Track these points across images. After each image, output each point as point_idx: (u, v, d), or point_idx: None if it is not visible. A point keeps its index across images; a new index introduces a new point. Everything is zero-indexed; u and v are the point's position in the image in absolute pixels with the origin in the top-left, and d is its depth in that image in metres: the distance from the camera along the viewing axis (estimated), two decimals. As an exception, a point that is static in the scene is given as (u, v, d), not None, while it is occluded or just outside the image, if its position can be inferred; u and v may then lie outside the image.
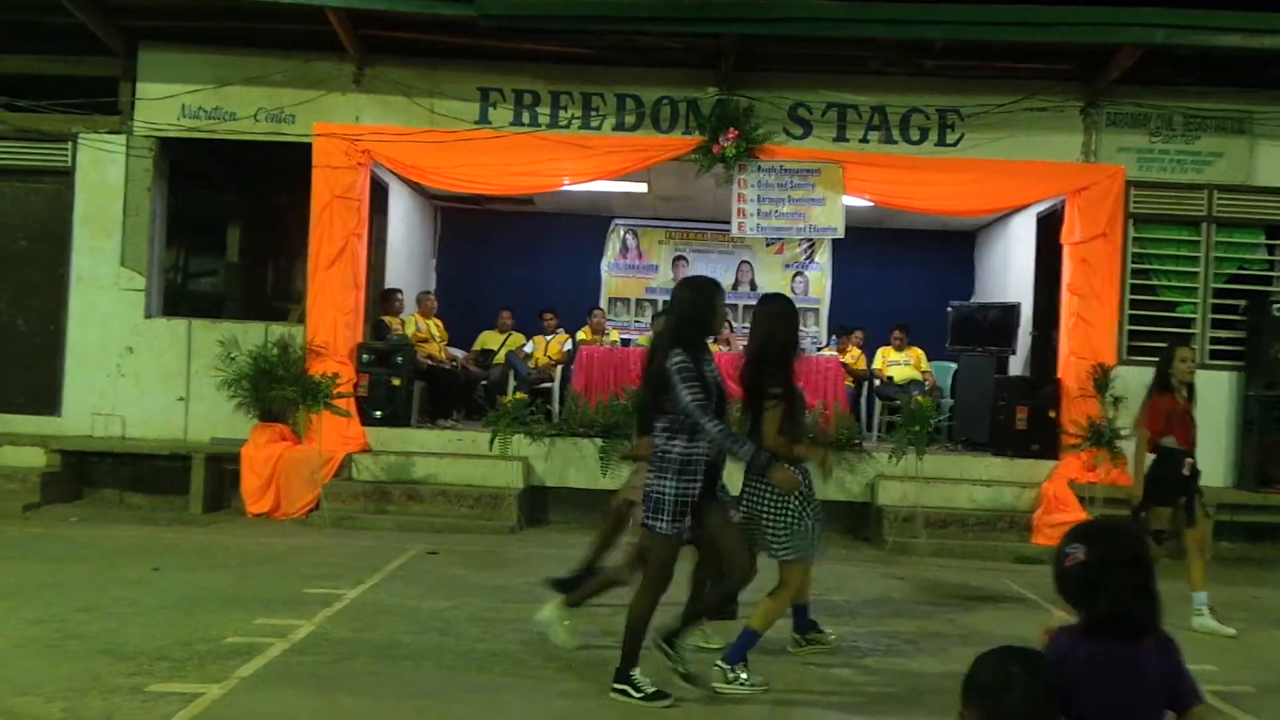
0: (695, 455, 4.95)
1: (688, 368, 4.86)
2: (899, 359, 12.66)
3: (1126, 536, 2.78)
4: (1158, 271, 10.63)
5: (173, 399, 10.56)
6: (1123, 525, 2.87)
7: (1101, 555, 2.64)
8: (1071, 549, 2.66)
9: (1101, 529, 2.82)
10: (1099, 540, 2.69)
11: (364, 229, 10.70)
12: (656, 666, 5.10)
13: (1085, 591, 2.65)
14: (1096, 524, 2.83)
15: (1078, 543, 2.67)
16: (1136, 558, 2.69)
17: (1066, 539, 2.72)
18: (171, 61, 10.63)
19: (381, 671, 5.26)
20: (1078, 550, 2.65)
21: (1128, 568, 2.65)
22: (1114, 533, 2.78)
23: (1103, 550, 2.65)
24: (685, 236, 15.28)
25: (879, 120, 10.55)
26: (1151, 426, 6.90)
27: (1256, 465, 10.02)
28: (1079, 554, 2.65)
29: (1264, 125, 10.35)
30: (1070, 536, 2.72)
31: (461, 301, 13.77)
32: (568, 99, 10.62)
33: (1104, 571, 2.63)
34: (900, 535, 9.40)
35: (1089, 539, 2.69)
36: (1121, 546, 2.70)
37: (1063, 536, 2.78)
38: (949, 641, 6.34)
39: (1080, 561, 2.64)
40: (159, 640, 5.58)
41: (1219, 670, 5.91)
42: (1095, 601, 2.63)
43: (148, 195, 10.68)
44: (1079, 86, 10.40)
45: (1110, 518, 5.17)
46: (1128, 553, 2.69)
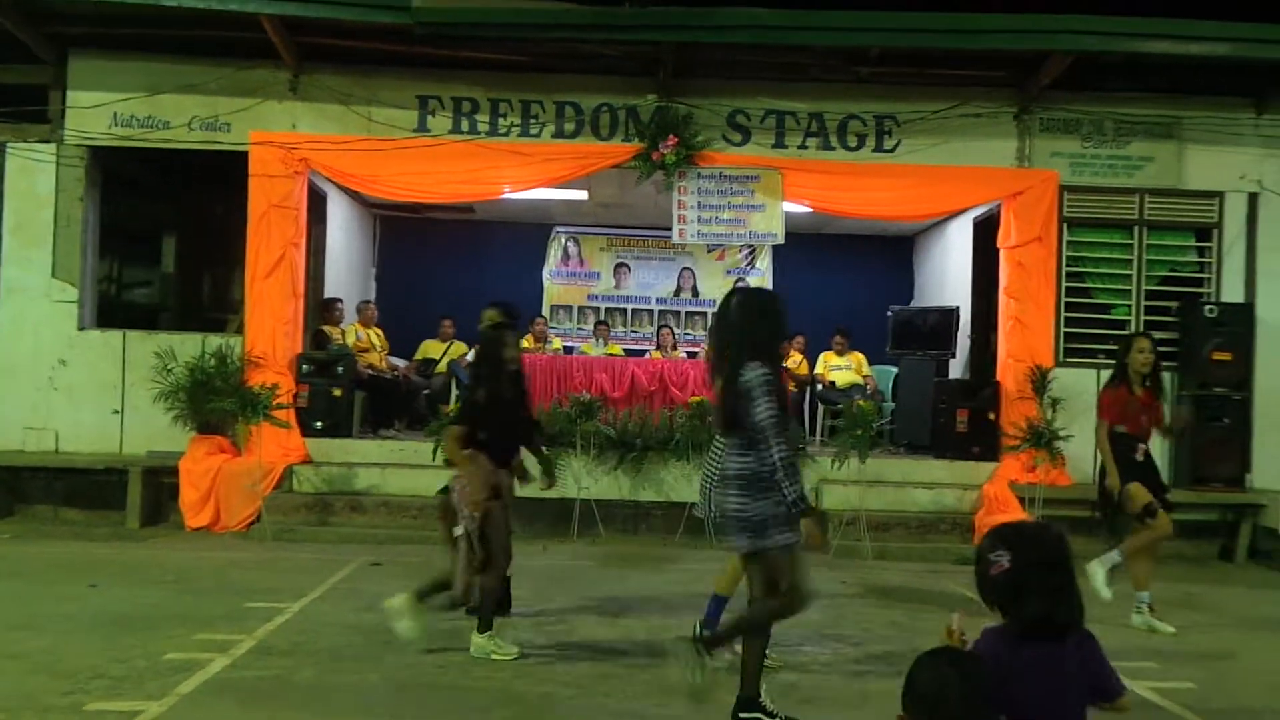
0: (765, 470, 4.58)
1: (770, 382, 4.56)
2: (840, 364, 12.76)
3: (1048, 539, 2.81)
4: (1092, 274, 10.81)
5: (107, 412, 10.36)
6: (1043, 527, 2.89)
7: (1025, 560, 2.69)
8: (996, 556, 2.70)
9: (1023, 534, 2.83)
10: (1022, 546, 2.73)
11: (302, 238, 10.59)
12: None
13: (1011, 596, 2.69)
14: (1018, 528, 2.85)
15: (1001, 549, 2.71)
16: (1058, 560, 2.74)
17: (989, 544, 2.76)
18: (102, 69, 10.45)
19: (326, 685, 5.19)
20: (1002, 558, 2.69)
21: (1050, 571, 2.70)
22: (1036, 537, 2.81)
23: (1026, 555, 2.70)
24: (626, 243, 15.30)
25: (817, 127, 10.64)
26: (1105, 416, 7.03)
27: (1191, 464, 10.20)
28: (1003, 561, 2.69)
29: (1192, 130, 10.57)
30: (992, 542, 2.75)
31: (402, 310, 13.66)
32: (507, 106, 10.60)
33: (1027, 576, 2.67)
34: (844, 539, 9.46)
35: (1011, 545, 2.72)
36: (1043, 550, 2.74)
37: (983, 540, 2.82)
38: (893, 644, 6.39)
39: (1005, 569, 2.68)
40: (96, 658, 5.47)
41: (1159, 667, 6.01)
42: (1021, 605, 2.68)
43: (79, 205, 10.49)
44: (1013, 93, 10.56)
45: (1032, 519, 5.22)
46: (1050, 556, 2.74)
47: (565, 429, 10.06)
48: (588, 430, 9.99)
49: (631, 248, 15.31)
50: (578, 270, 15.28)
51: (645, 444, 10.10)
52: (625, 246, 15.32)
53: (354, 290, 13.31)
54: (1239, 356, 10.21)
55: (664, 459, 9.99)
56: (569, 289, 15.27)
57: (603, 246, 15.31)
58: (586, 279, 15.28)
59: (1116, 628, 6.63)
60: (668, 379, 10.98)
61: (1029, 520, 5.29)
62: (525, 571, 8.16)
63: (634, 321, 15.21)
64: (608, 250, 15.32)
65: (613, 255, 15.31)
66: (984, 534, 2.87)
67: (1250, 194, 10.62)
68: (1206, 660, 6.31)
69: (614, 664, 5.73)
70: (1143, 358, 7.03)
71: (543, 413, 10.38)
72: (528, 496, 9.89)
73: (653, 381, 10.98)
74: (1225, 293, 10.59)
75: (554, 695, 5.17)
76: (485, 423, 5.90)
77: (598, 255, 15.30)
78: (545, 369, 11.07)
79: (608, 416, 10.36)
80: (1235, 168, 10.60)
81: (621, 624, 6.66)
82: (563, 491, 9.95)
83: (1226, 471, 10.19)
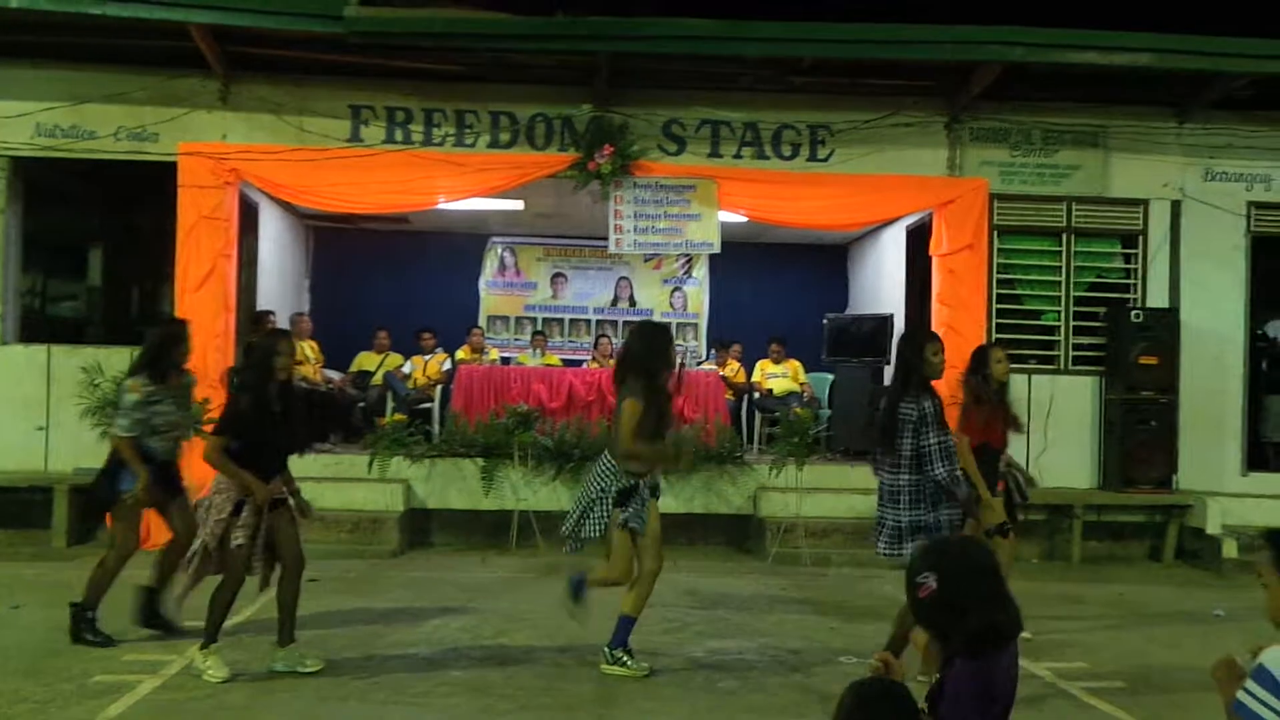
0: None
1: (936, 415, 5.64)
2: (777, 371, 12.83)
3: (972, 550, 2.80)
4: (1022, 281, 10.99)
5: (32, 428, 10.11)
6: (965, 540, 2.89)
7: (952, 577, 2.64)
8: (922, 579, 2.65)
9: (945, 551, 2.82)
10: (945, 562, 2.68)
11: (233, 249, 10.42)
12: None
13: (946, 615, 2.67)
14: (939, 547, 2.84)
15: (927, 571, 2.65)
16: (985, 568, 2.71)
17: (914, 567, 2.71)
18: (24, 78, 10.21)
19: (258, 705, 5.11)
20: (928, 579, 2.64)
21: (980, 579, 2.67)
22: (959, 551, 2.80)
23: (952, 572, 2.65)
24: (563, 253, 15.28)
25: (752, 136, 10.70)
26: (967, 432, 6.63)
27: (1119, 466, 10.38)
28: (930, 582, 2.64)
29: (1118, 139, 10.78)
30: (918, 565, 2.71)
31: (337, 322, 13.49)
32: (441, 116, 10.53)
33: (960, 592, 2.63)
34: (783, 546, 9.51)
35: (935, 564, 2.67)
36: (969, 561, 2.72)
37: (910, 562, 2.78)
38: (833, 651, 6.43)
39: (933, 590, 2.64)
40: (20, 681, 5.34)
41: (1089, 667, 6.11)
42: (962, 622, 2.64)
43: (1, 217, 10.24)
44: (943, 103, 10.70)
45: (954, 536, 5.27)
46: (976, 565, 2.70)
47: (503, 440, 10.02)
48: (525, 441, 9.95)
49: (568, 257, 15.29)
50: (514, 280, 15.23)
51: (583, 454, 10.06)
52: (562, 256, 15.29)
53: (287, 303, 13.13)
54: (1165, 360, 10.40)
55: (602, 469, 9.95)
56: (506, 299, 15.21)
57: (539, 256, 15.27)
58: (523, 289, 15.23)
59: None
60: (605, 388, 10.93)
61: (949, 537, 5.31)
62: (455, 584, 8.13)
63: (571, 331, 15.18)
64: (544, 260, 15.28)
65: (549, 265, 15.27)
66: (909, 567, 2.84)
67: (1174, 201, 10.84)
68: (1136, 658, 6.43)
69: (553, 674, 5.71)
70: (1001, 368, 6.82)
71: (481, 424, 10.35)
72: (464, 509, 10.01)
73: (590, 391, 10.95)
74: (1151, 298, 10.79)
75: (493, 708, 5.13)
76: (244, 433, 5.63)
77: (534, 265, 15.25)
78: (482, 380, 11.00)
79: (545, 427, 10.32)
80: (1159, 176, 10.83)
81: (562, 635, 6.63)
82: (501, 503, 9.95)
83: (1154, 473, 10.37)
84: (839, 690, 2.66)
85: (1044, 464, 10.19)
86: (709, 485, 10.18)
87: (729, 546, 10.15)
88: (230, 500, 5.54)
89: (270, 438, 5.69)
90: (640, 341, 6.09)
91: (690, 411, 10.67)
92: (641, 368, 5.89)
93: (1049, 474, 10.28)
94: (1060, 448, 10.48)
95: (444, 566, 8.98)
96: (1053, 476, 10.32)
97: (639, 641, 5.93)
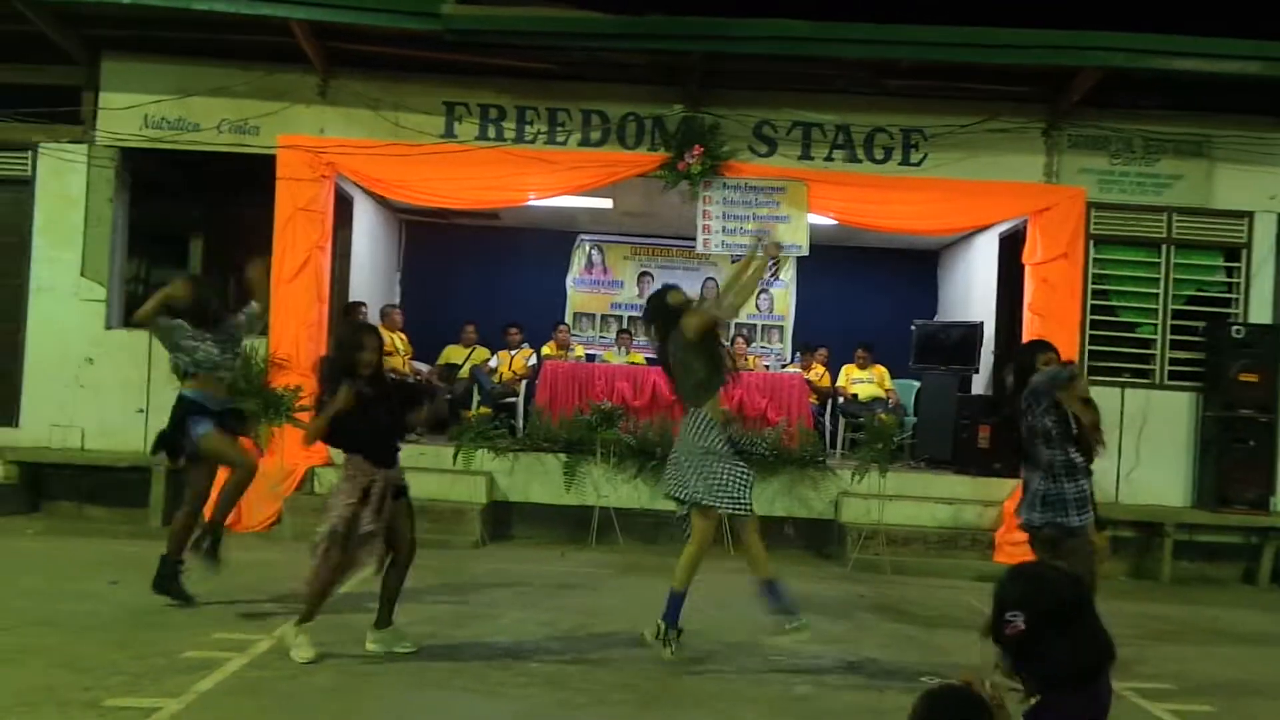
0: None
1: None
2: (863, 377, 12.72)
3: (1063, 591, 2.72)
4: (1117, 292, 10.75)
5: (132, 410, 10.43)
6: (1057, 574, 2.81)
7: (1040, 624, 2.59)
8: (1011, 617, 2.61)
9: (1038, 589, 2.72)
10: (1036, 604, 2.63)
11: (328, 241, 10.64)
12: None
13: (1030, 659, 2.60)
14: (1033, 581, 2.74)
15: (1016, 610, 2.61)
16: (1077, 608, 2.65)
17: (1003, 599, 2.66)
18: (134, 71, 10.55)
19: (343, 686, 5.21)
20: (1017, 619, 2.60)
21: (1069, 625, 2.61)
22: (1051, 592, 2.71)
23: (1041, 618, 2.60)
24: (650, 252, 15.32)
25: (844, 139, 10.62)
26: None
27: (1214, 486, 10.11)
28: (1018, 623, 2.60)
29: (1221, 149, 10.50)
30: (1007, 599, 2.65)
31: (426, 315, 13.69)
32: (533, 114, 10.63)
33: (1045, 639, 2.58)
34: (863, 552, 9.43)
35: (1024, 604, 2.62)
36: (1059, 607, 2.65)
37: (995, 594, 2.72)
38: (910, 660, 6.36)
39: (1020, 631, 2.59)
40: (115, 654, 5.50)
41: (1175, 688, 5.97)
42: (1043, 666, 2.59)
43: (109, 206, 10.59)
44: (1041, 108, 10.52)
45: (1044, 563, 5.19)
46: (1067, 609, 2.64)
47: (585, 436, 10.09)
48: (608, 438, 10.01)
49: (655, 257, 15.32)
50: (601, 278, 15.30)
51: (665, 453, 10.07)
52: (649, 255, 15.33)
53: (378, 294, 13.35)
54: (1265, 378, 10.11)
55: (684, 469, 9.96)
56: (592, 297, 15.30)
57: (626, 255, 15.33)
58: (610, 287, 15.30)
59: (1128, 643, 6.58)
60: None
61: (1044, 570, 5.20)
62: (535, 577, 8.20)
63: (657, 331, 15.18)
64: (631, 259, 15.33)
65: (636, 264, 15.32)
66: (999, 583, 2.78)
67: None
68: (1226, 684, 6.25)
69: (629, 670, 5.73)
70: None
71: (564, 420, 10.43)
72: (546, 503, 10.09)
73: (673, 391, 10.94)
74: (1253, 313, 10.49)
75: (569, 701, 5.17)
76: (339, 424, 5.73)
77: (621, 264, 15.31)
78: (566, 376, 11.07)
79: (628, 425, 10.37)
80: (1265, 188, 10.53)
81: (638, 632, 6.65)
82: (582, 499, 10.01)
83: (1251, 494, 10.08)
84: (910, 702, 2.63)
85: (1135, 480, 10.02)
86: (790, 489, 10.15)
87: (809, 551, 10.10)
88: (359, 487, 5.67)
89: (372, 427, 5.78)
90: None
91: (773, 414, 10.62)
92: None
93: (1140, 491, 10.10)
94: (1152, 464, 10.26)
95: (524, 559, 9.06)
96: (1144, 493, 10.11)
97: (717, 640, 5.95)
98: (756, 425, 10.47)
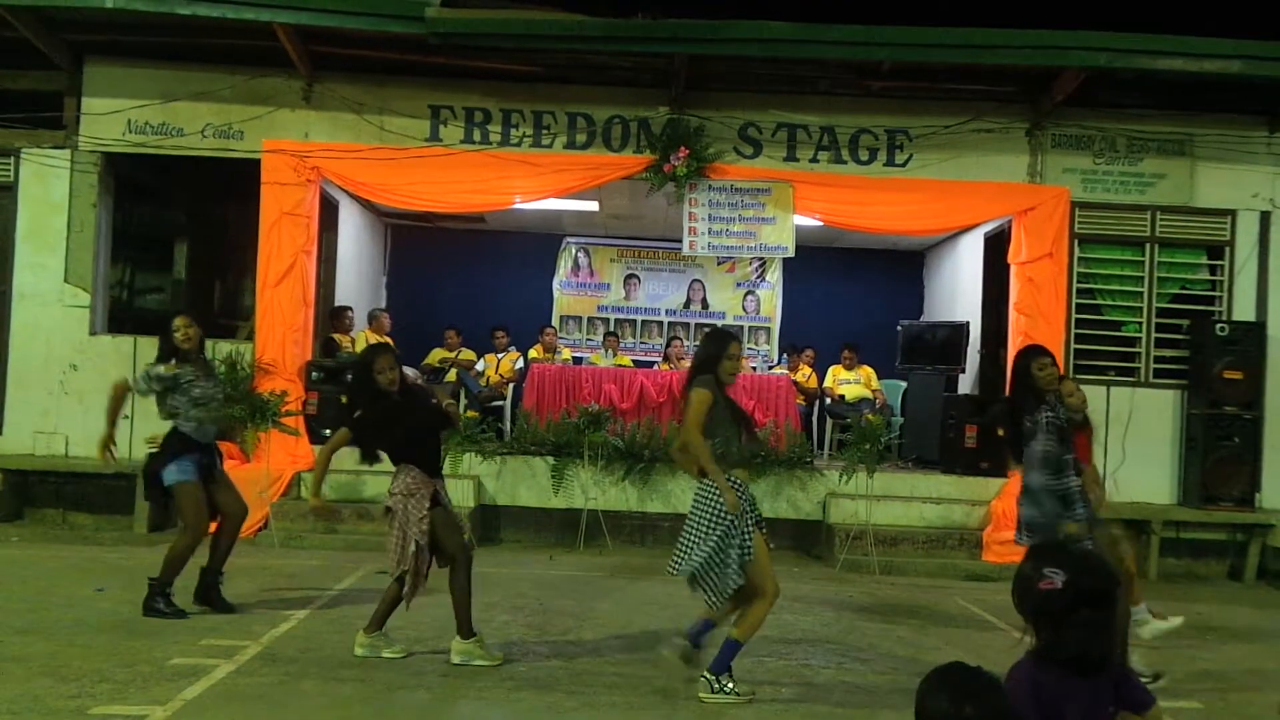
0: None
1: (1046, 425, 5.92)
2: (849, 377, 12.75)
3: (1103, 569, 2.72)
4: (1102, 291, 10.78)
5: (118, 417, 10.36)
6: (1098, 556, 2.81)
7: (1078, 586, 2.57)
8: (1050, 572, 2.59)
9: (1078, 559, 2.72)
10: (1077, 570, 2.61)
11: (313, 246, 10.62)
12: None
13: (1054, 619, 2.58)
14: (1073, 553, 2.73)
15: (1055, 568, 2.60)
16: (1108, 593, 2.65)
17: (1039, 559, 2.65)
18: (117, 76, 10.51)
19: (330, 693, 5.19)
20: (1055, 576, 2.58)
21: (1098, 605, 2.60)
22: (1092, 564, 2.71)
23: (1080, 581, 2.58)
24: (637, 255, 15.33)
25: (828, 140, 10.64)
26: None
27: (1200, 483, 10.15)
28: (1056, 581, 2.58)
29: (1204, 147, 10.55)
30: (1044, 558, 2.65)
31: (412, 319, 13.68)
32: (519, 117, 10.62)
33: (1077, 603, 2.56)
34: (851, 553, 9.44)
35: (1066, 567, 2.61)
36: (1097, 579, 2.64)
37: (1033, 552, 2.72)
38: (900, 659, 6.37)
39: (1056, 588, 2.58)
40: (101, 662, 5.48)
41: (1164, 686, 5.97)
42: (1061, 635, 2.57)
43: (93, 211, 10.54)
44: (1025, 109, 10.56)
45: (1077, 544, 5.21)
46: (1102, 587, 2.64)
47: (573, 439, 10.08)
48: (596, 441, 10.00)
49: (642, 259, 15.33)
50: (588, 281, 15.31)
51: (653, 455, 10.11)
52: (635, 258, 15.34)
53: (364, 299, 13.34)
54: (1250, 376, 10.16)
55: (672, 471, 9.99)
56: (579, 299, 15.30)
57: (613, 257, 15.34)
58: (596, 290, 15.30)
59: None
60: (676, 391, 10.91)
61: (1077, 546, 5.23)
62: (523, 581, 8.19)
63: (643, 333, 15.22)
64: (618, 261, 15.34)
65: (623, 266, 15.33)
66: (1031, 552, 2.78)
67: (1263, 212, 10.59)
68: (1214, 680, 6.28)
69: (618, 672, 5.73)
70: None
71: (552, 423, 10.43)
72: (534, 506, 10.08)
73: (661, 393, 10.97)
74: (1236, 311, 10.54)
75: (559, 705, 5.16)
76: (372, 441, 6.02)
77: (608, 266, 15.32)
78: (554, 379, 11.07)
79: (616, 427, 10.37)
80: (1248, 186, 10.58)
81: (628, 633, 6.65)
82: (570, 501, 10.01)
83: (1236, 491, 10.13)
84: (903, 700, 2.62)
85: (1121, 478, 10.04)
86: (778, 490, 10.16)
87: (797, 552, 10.10)
88: (426, 498, 5.80)
89: (410, 436, 5.89)
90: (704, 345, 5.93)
91: (761, 415, 10.63)
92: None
93: (1126, 488, 10.13)
94: (1138, 462, 10.30)
95: (512, 563, 9.05)
96: (1130, 491, 10.15)
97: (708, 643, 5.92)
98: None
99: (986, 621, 7.51)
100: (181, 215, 13.30)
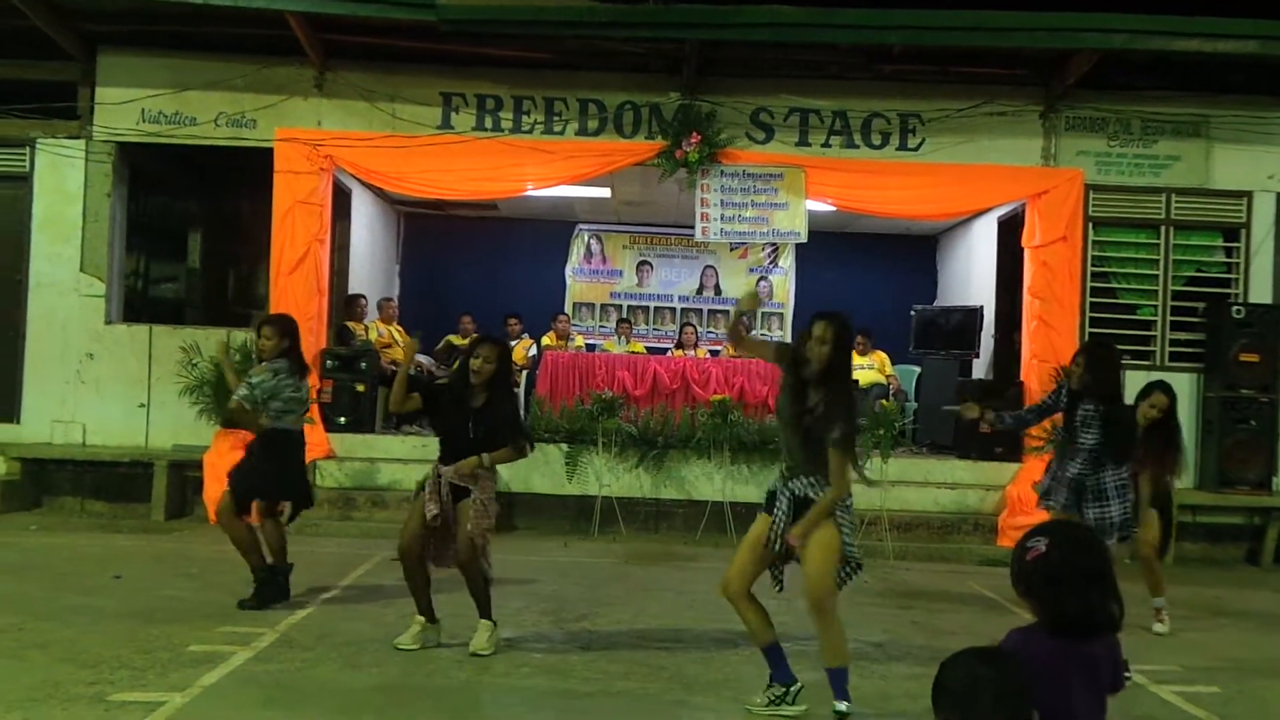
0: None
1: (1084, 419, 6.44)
2: (863, 363, 12.70)
3: (1088, 535, 2.79)
4: (1117, 274, 10.74)
5: (134, 406, 10.45)
6: (1083, 527, 2.87)
7: (1063, 549, 2.62)
8: (1033, 542, 2.64)
9: (1062, 526, 2.82)
10: (1060, 536, 2.67)
11: (326, 234, 10.64)
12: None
13: (1047, 586, 2.63)
14: (1057, 522, 2.84)
15: (1040, 537, 2.65)
16: (1097, 552, 2.70)
17: (1026, 535, 2.71)
18: (131, 66, 10.54)
19: (347, 679, 5.22)
20: (1039, 543, 2.62)
21: (1088, 562, 2.64)
22: (1076, 531, 2.79)
23: (1064, 545, 2.63)
24: (649, 241, 15.31)
25: (840, 125, 10.61)
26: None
27: (1216, 466, 10.12)
28: (1040, 546, 2.62)
29: (1220, 129, 10.48)
30: (1031, 532, 2.71)
31: (425, 307, 13.71)
32: (530, 104, 10.62)
33: (1066, 567, 2.60)
34: (866, 538, 9.43)
35: (1050, 534, 2.67)
36: (1082, 542, 2.70)
37: (1023, 535, 2.79)
38: (915, 645, 6.37)
39: (1041, 554, 2.61)
40: (120, 649, 5.51)
41: (1182, 670, 5.97)
42: (1059, 598, 2.61)
43: (107, 200, 10.58)
44: (1038, 91, 10.50)
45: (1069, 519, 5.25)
46: (1088, 548, 2.70)
47: (587, 426, 10.09)
48: (609, 428, 10.01)
49: (654, 245, 15.32)
50: (600, 268, 15.30)
51: (667, 442, 10.12)
52: (648, 244, 15.33)
53: (377, 287, 13.36)
54: (1266, 358, 10.11)
55: (685, 457, 10.00)
56: (592, 286, 15.29)
57: (625, 244, 15.33)
58: (609, 276, 15.29)
59: (1132, 630, 6.60)
60: (689, 377, 10.96)
61: (1067, 519, 5.29)
62: (537, 568, 8.21)
63: (656, 319, 15.22)
64: (630, 248, 15.33)
65: (635, 253, 15.32)
66: (1024, 535, 2.83)
67: (1279, 194, 10.52)
68: (1232, 664, 6.26)
69: (633, 659, 5.74)
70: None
71: (565, 410, 10.44)
72: (547, 493, 10.09)
73: (675, 380, 10.97)
74: (1253, 293, 10.50)
75: (574, 691, 5.18)
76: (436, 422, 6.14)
77: (620, 253, 15.31)
78: (567, 366, 11.08)
79: (629, 414, 10.37)
80: (1264, 167, 10.52)
81: (642, 620, 6.66)
82: (584, 488, 10.02)
83: (1253, 474, 10.10)
84: (920, 685, 2.63)
85: (1136, 461, 9.98)
86: (792, 475, 10.12)
87: (811, 537, 10.08)
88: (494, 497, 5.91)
89: (453, 428, 5.89)
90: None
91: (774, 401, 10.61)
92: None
93: (1141, 472, 10.06)
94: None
95: (526, 550, 9.07)
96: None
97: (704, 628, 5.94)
98: (757, 412, 10.46)
99: (1002, 606, 7.50)
100: (195, 204, 13.35)
